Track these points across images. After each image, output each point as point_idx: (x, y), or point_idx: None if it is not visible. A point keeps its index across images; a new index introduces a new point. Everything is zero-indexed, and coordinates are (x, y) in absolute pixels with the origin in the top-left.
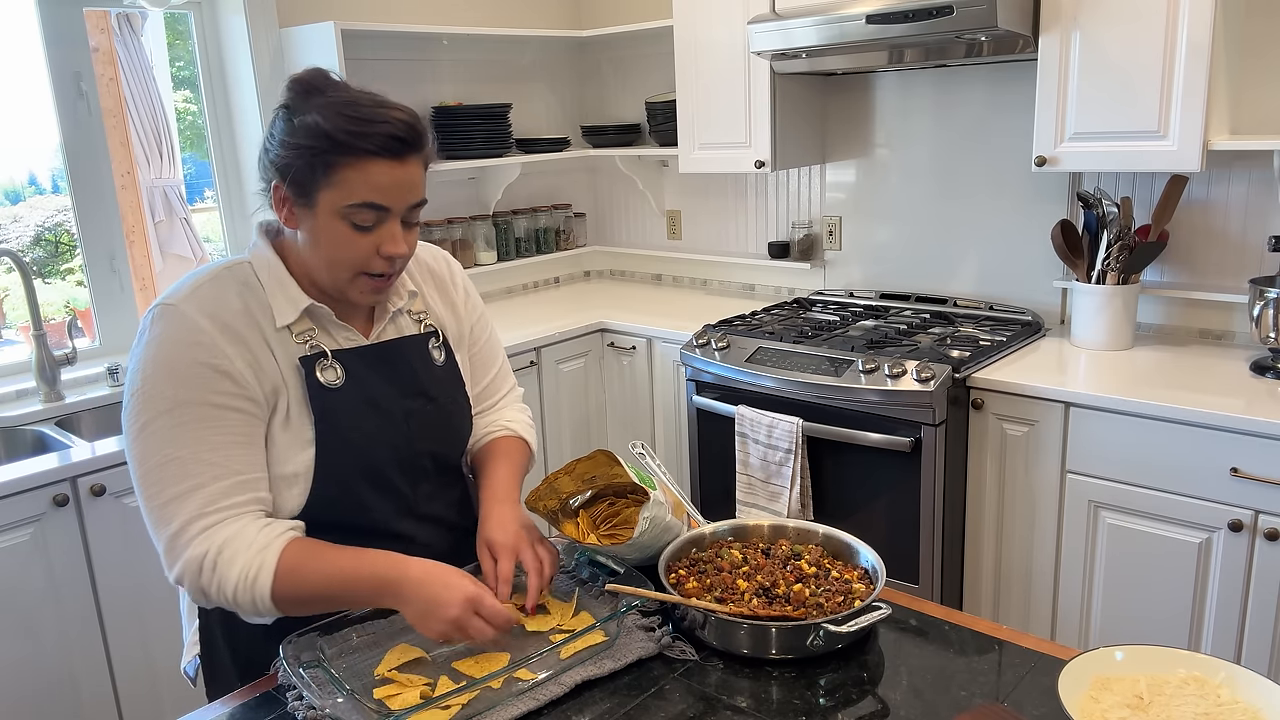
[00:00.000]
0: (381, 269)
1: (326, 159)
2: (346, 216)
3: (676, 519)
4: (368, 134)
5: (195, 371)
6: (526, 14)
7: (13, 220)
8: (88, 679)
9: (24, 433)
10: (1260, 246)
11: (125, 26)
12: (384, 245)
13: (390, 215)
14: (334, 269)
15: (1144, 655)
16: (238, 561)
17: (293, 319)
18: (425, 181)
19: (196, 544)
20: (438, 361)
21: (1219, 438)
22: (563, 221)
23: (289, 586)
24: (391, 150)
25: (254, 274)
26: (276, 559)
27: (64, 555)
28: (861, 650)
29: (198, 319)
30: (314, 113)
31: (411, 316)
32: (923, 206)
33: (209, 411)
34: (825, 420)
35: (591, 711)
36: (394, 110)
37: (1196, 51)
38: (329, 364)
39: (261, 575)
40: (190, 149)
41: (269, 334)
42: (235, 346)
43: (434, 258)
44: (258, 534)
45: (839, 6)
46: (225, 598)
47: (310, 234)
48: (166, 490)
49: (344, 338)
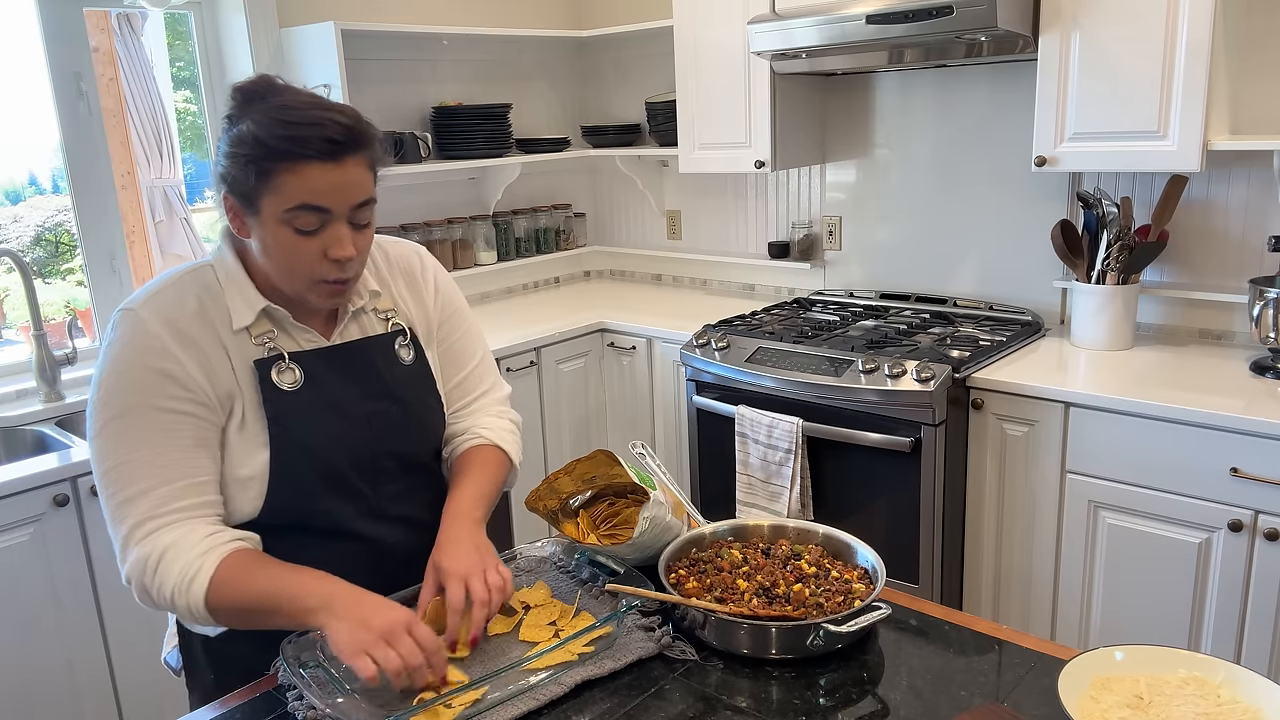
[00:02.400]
0: (333, 274)
1: (263, 166)
2: (288, 221)
3: (676, 519)
4: (301, 138)
5: (145, 377)
6: (526, 14)
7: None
8: (88, 679)
9: (24, 433)
10: (1260, 246)
11: (125, 26)
12: (330, 249)
13: (333, 217)
14: (289, 276)
15: (1144, 655)
16: (177, 564)
17: (249, 321)
18: (373, 181)
19: (143, 545)
20: (405, 360)
21: (1219, 438)
22: (563, 221)
23: (223, 595)
24: (326, 152)
25: (215, 277)
26: (215, 566)
27: (64, 555)
28: (861, 650)
29: (151, 324)
30: (250, 121)
31: (377, 315)
32: (923, 207)
33: (159, 416)
34: (825, 420)
35: (591, 711)
36: (331, 112)
37: (1196, 51)
38: (286, 366)
39: (198, 580)
40: (190, 149)
41: (226, 337)
42: (187, 351)
43: (405, 254)
44: (201, 540)
45: (839, 6)
46: (164, 599)
47: (260, 242)
48: (119, 493)
49: (304, 339)
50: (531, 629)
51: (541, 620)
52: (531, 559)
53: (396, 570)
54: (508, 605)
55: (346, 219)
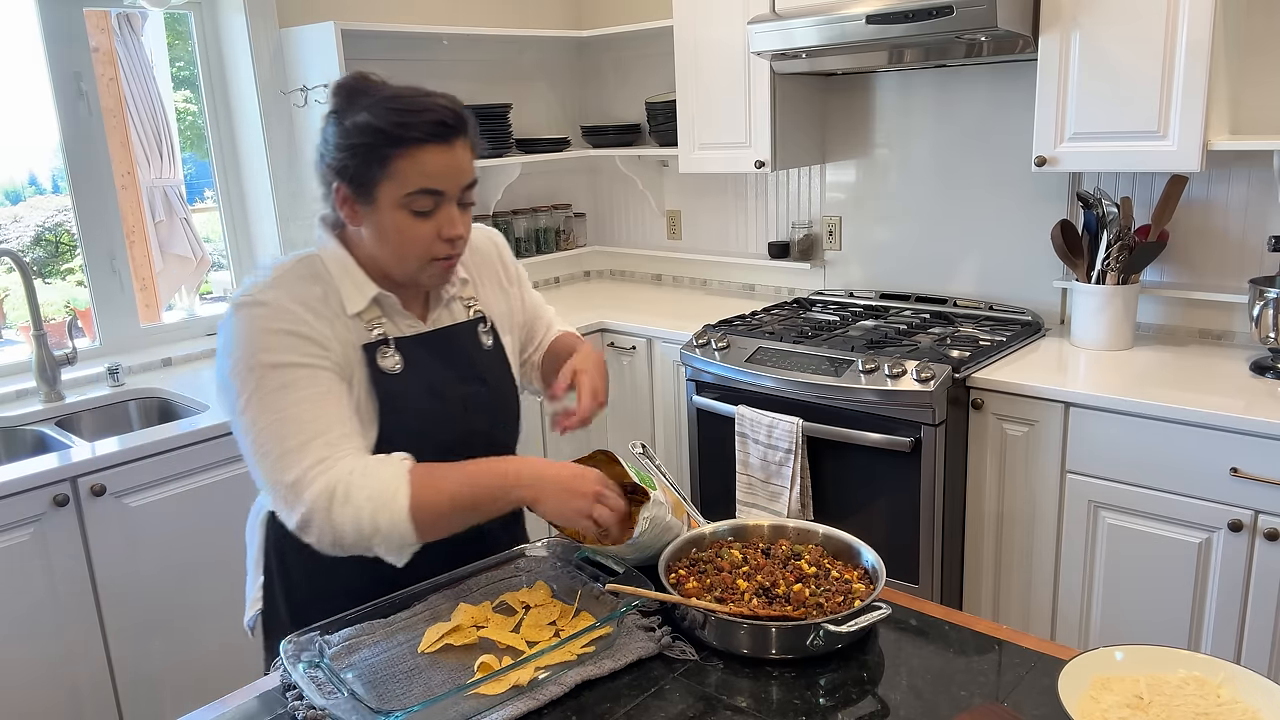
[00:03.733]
0: (444, 252)
1: (381, 153)
2: (406, 205)
3: (676, 519)
4: (415, 123)
5: (283, 340)
6: (526, 14)
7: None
8: (88, 679)
9: (24, 433)
10: (1260, 246)
11: (125, 26)
12: (443, 229)
13: (445, 199)
14: (403, 259)
15: (1144, 655)
16: (370, 484)
17: (362, 307)
18: (473, 163)
19: (320, 481)
20: (486, 346)
21: (1219, 438)
22: (563, 221)
23: (426, 499)
24: (439, 135)
25: (324, 266)
26: (408, 475)
27: (64, 555)
28: (861, 650)
29: (284, 301)
30: (363, 112)
31: (462, 302)
32: (923, 206)
33: (304, 372)
34: (825, 420)
35: (591, 711)
36: (436, 98)
37: (1196, 51)
38: (389, 351)
39: (400, 493)
40: (190, 149)
41: (344, 320)
42: (319, 321)
43: (483, 239)
44: (381, 462)
45: (839, 6)
46: (360, 524)
47: (375, 229)
48: (282, 445)
49: (406, 325)
50: (531, 629)
51: (541, 620)
52: (531, 559)
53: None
54: (507, 605)
55: (456, 199)
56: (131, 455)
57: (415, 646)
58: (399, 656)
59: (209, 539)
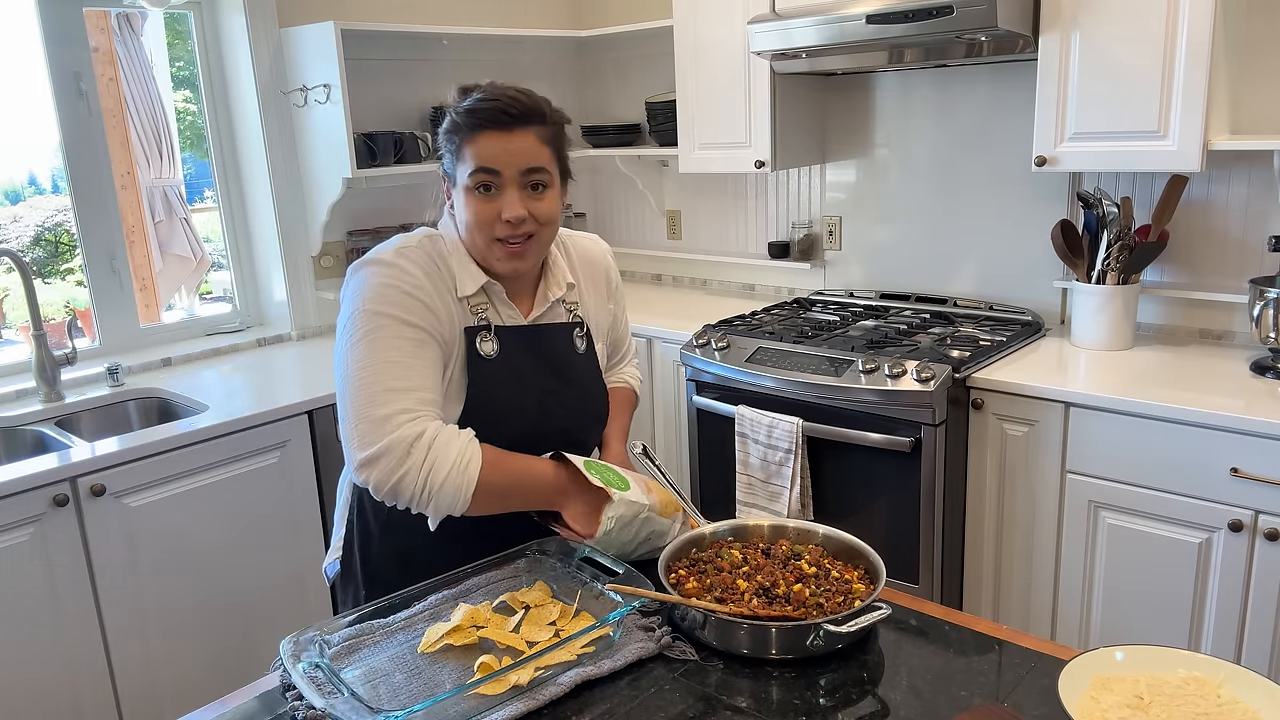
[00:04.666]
0: (506, 233)
1: (454, 141)
2: (472, 186)
3: (664, 518)
4: (479, 110)
5: (403, 299)
6: (526, 14)
7: (13, 220)
8: (88, 679)
9: (24, 433)
10: (1260, 246)
11: (125, 26)
12: (504, 209)
13: (503, 179)
14: (473, 237)
15: (1144, 655)
16: (453, 447)
17: (472, 291)
18: (549, 154)
19: (409, 426)
20: (579, 350)
21: (1219, 438)
22: (563, 221)
23: (492, 476)
24: (497, 122)
25: (444, 246)
26: (481, 451)
27: (64, 555)
28: (861, 650)
29: (410, 266)
30: (454, 109)
31: (565, 305)
32: (923, 206)
33: (413, 332)
34: (825, 420)
35: (591, 711)
36: (509, 91)
37: (1196, 51)
38: (489, 337)
39: (473, 463)
40: (190, 149)
41: (452, 300)
42: (436, 294)
43: (596, 251)
44: (458, 431)
45: (839, 6)
46: (432, 478)
47: (457, 211)
48: (384, 383)
49: (507, 315)
50: (531, 629)
51: (541, 620)
52: (531, 559)
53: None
54: (507, 605)
55: (517, 182)
56: (131, 455)
57: (415, 646)
58: (399, 656)
59: (209, 539)
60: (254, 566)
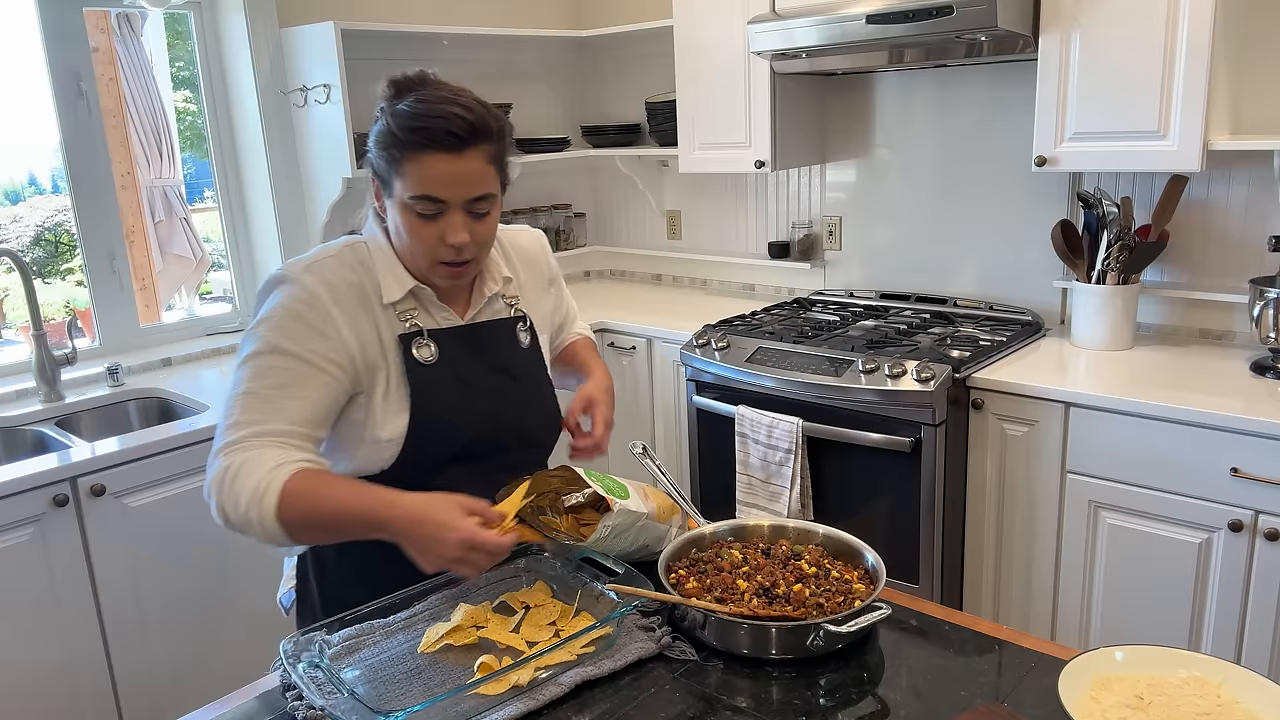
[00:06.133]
0: (448, 256)
1: (392, 154)
2: (411, 207)
3: (661, 523)
4: (424, 129)
5: (300, 328)
6: (526, 14)
7: (13, 220)
8: (88, 679)
9: (24, 433)
10: (1260, 246)
11: (125, 26)
12: (446, 234)
13: (449, 206)
14: (412, 255)
15: (1144, 655)
16: (251, 478)
17: (399, 297)
18: (494, 174)
19: (225, 460)
20: (523, 344)
21: (1219, 438)
22: (563, 221)
23: (294, 508)
24: (446, 145)
25: (368, 253)
26: (285, 479)
27: (64, 555)
28: (861, 650)
29: (315, 286)
30: (390, 114)
31: (505, 300)
32: (923, 206)
33: (300, 366)
34: (825, 420)
35: (591, 711)
36: (458, 107)
37: (1196, 51)
38: (424, 342)
39: (269, 493)
40: (190, 149)
41: (376, 310)
42: (345, 316)
43: (529, 246)
44: (275, 457)
45: (839, 6)
46: (238, 513)
47: (392, 222)
48: (234, 416)
49: (441, 317)
50: (531, 629)
51: (541, 620)
52: (531, 559)
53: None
54: (507, 605)
55: (462, 209)
56: (131, 455)
57: (415, 646)
58: (399, 656)
59: (208, 539)
60: (254, 566)
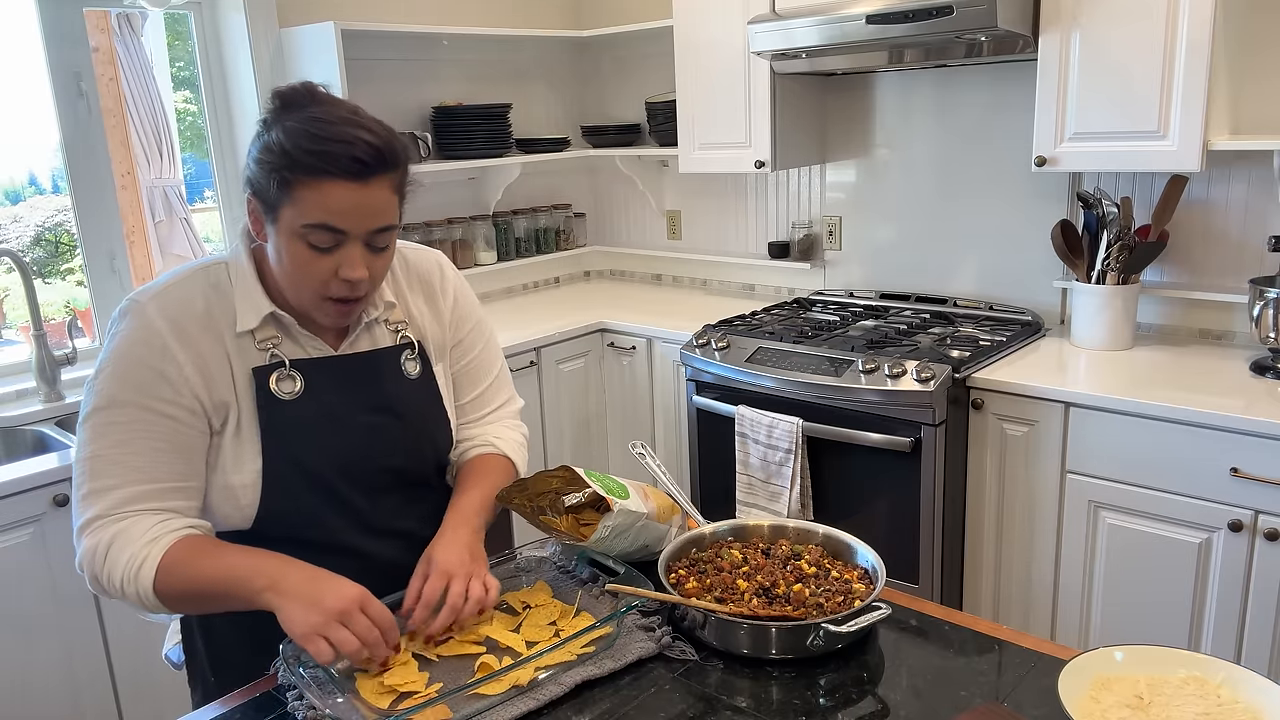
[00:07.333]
0: (341, 293)
1: (284, 176)
2: (303, 236)
3: (660, 523)
4: (326, 153)
5: (140, 374)
6: (526, 14)
7: (13, 220)
8: (88, 679)
9: (24, 433)
10: (1260, 246)
11: (125, 26)
12: (343, 268)
13: (349, 238)
14: (297, 290)
15: (1144, 655)
16: (125, 553)
17: (254, 325)
18: (397, 204)
19: (92, 536)
20: (410, 375)
21: (1219, 438)
22: (563, 221)
23: (172, 580)
24: (351, 172)
25: (227, 276)
26: (162, 552)
27: (64, 555)
28: (861, 650)
29: (156, 321)
30: (281, 129)
31: (388, 327)
32: (923, 206)
33: (144, 415)
34: (825, 420)
35: (591, 711)
36: (362, 131)
37: (1196, 51)
38: (287, 374)
39: (145, 567)
40: (190, 149)
41: (229, 340)
42: (188, 352)
43: (426, 264)
44: (150, 528)
45: (839, 6)
46: (115, 588)
47: (275, 250)
48: (88, 484)
49: (311, 347)
50: (531, 629)
51: (541, 620)
52: (531, 559)
53: (391, 586)
54: (508, 605)
55: (362, 241)
56: None
57: (415, 647)
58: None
59: None
60: None
